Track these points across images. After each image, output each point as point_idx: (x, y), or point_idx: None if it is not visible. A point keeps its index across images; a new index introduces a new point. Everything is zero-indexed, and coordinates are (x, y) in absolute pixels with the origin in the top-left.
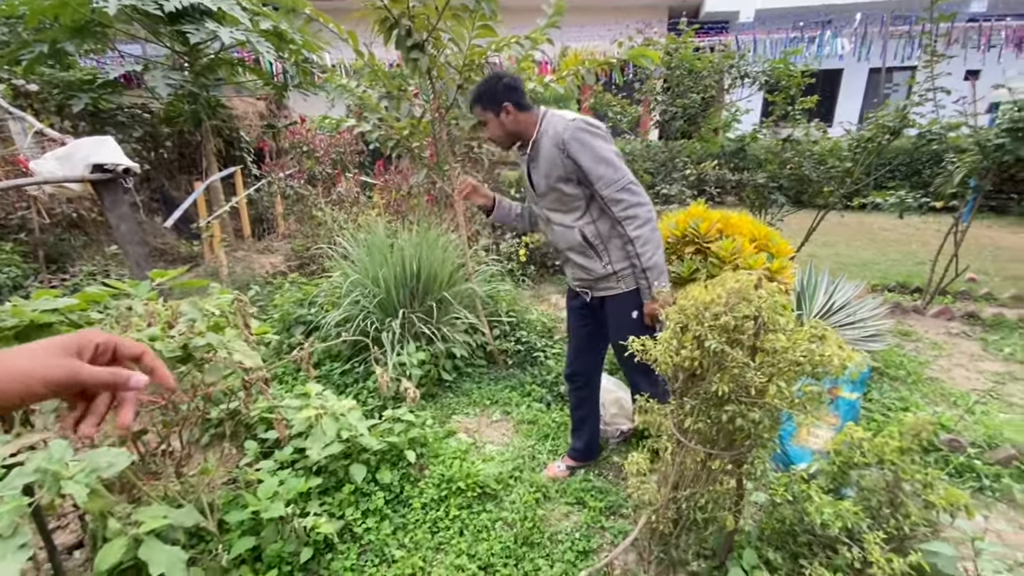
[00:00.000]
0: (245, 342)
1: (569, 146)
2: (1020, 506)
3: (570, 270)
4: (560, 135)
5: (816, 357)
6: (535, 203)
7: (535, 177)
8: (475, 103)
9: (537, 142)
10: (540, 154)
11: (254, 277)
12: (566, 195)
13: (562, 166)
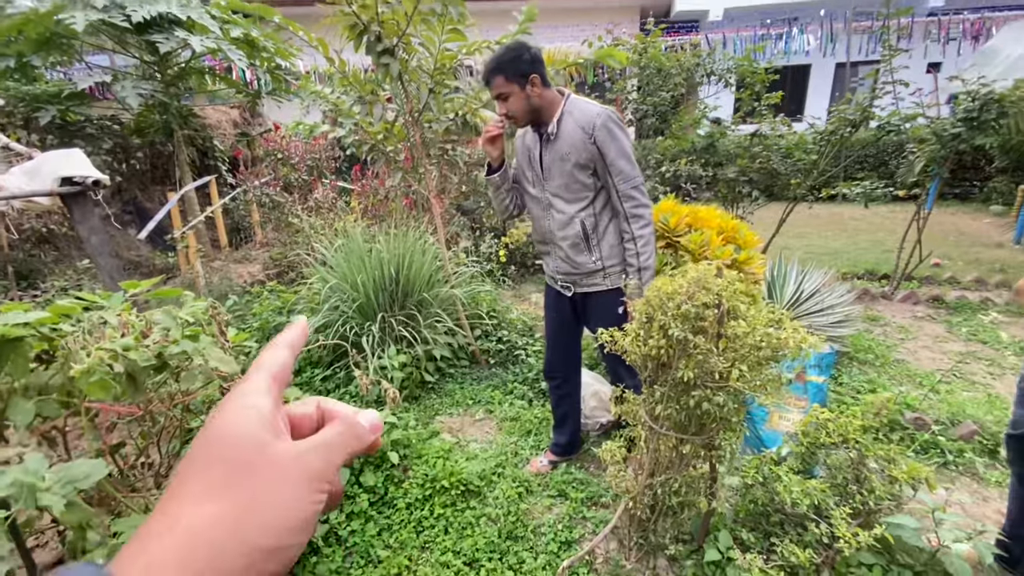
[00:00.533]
0: (221, 349)
1: (598, 133)
2: (982, 479)
3: (555, 263)
4: (592, 120)
5: (774, 341)
6: (532, 187)
7: (548, 158)
8: (496, 73)
9: (560, 122)
10: (562, 135)
11: (232, 287)
12: (577, 182)
13: (586, 152)
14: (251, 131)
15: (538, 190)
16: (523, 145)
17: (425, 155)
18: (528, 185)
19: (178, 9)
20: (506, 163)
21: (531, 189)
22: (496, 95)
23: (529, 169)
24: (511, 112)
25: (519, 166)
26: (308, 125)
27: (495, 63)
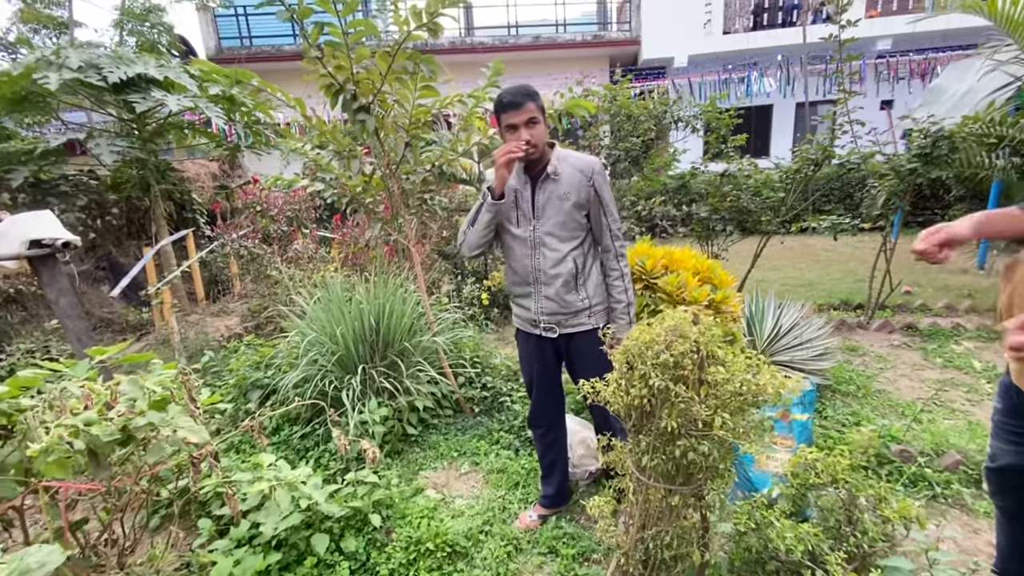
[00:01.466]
0: (191, 417)
1: (597, 178)
2: (971, 510)
3: (539, 304)
4: (592, 166)
5: (753, 386)
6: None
7: (542, 198)
8: (529, 98)
9: (555, 166)
10: (562, 177)
11: (208, 342)
12: (574, 221)
13: (585, 193)
14: (230, 183)
15: (525, 230)
16: (507, 187)
17: (404, 205)
18: (511, 225)
19: (155, 70)
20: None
21: (515, 229)
22: (527, 119)
23: (514, 209)
24: (535, 140)
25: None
26: (286, 180)
27: (527, 90)
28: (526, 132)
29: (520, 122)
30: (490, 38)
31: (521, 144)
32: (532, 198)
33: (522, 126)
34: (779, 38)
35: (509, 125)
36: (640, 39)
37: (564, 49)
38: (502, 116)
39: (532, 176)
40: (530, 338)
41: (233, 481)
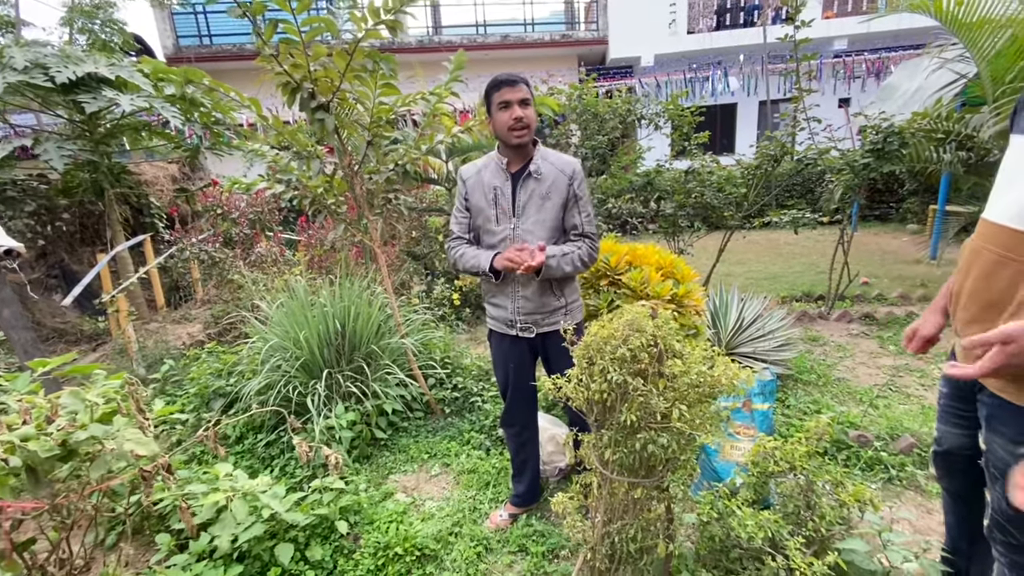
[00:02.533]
0: (140, 429)
1: (575, 178)
2: (925, 491)
3: (515, 303)
4: (571, 165)
5: (708, 378)
6: (496, 225)
7: (523, 196)
8: (524, 82)
9: (539, 164)
10: (544, 176)
11: (168, 350)
12: (556, 219)
13: (566, 192)
14: (191, 186)
15: (504, 228)
16: (484, 183)
17: (368, 206)
18: (490, 223)
19: (106, 69)
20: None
21: (494, 227)
22: (521, 98)
23: (493, 207)
24: (528, 121)
25: (477, 205)
26: (244, 183)
27: (521, 75)
28: (520, 110)
29: (515, 99)
30: (458, 37)
31: (524, 258)
32: (513, 196)
33: (516, 103)
34: (741, 38)
35: (503, 102)
36: (607, 39)
37: (532, 48)
38: (495, 95)
39: (514, 174)
40: (504, 339)
41: (187, 494)
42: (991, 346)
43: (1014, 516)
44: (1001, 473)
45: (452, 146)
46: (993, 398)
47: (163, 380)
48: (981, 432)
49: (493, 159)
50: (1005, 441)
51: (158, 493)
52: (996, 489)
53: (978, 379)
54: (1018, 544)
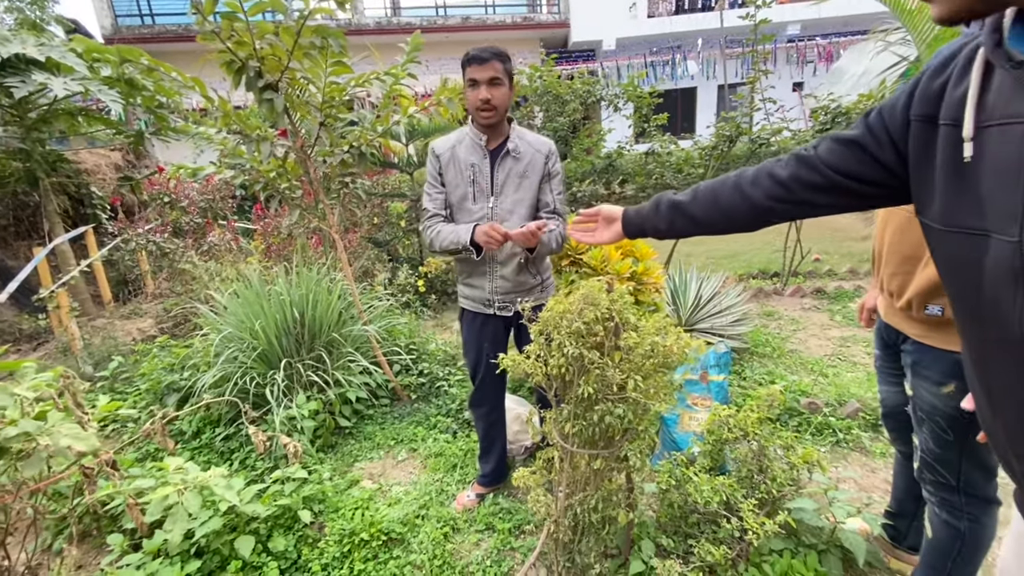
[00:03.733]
0: (79, 424)
1: (550, 157)
2: (869, 451)
3: (492, 283)
4: (548, 145)
5: (661, 349)
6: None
7: (501, 175)
8: (496, 58)
9: (516, 143)
10: (522, 155)
11: (118, 347)
12: (534, 198)
13: (543, 171)
14: (136, 174)
15: (482, 207)
16: (459, 159)
17: (323, 191)
18: (467, 202)
19: (35, 50)
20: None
21: (471, 205)
22: (490, 77)
23: (470, 185)
24: (495, 102)
25: (455, 181)
26: (191, 169)
27: (496, 49)
28: (486, 90)
29: (482, 79)
30: (418, 18)
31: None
32: (491, 174)
33: (483, 83)
34: (699, 22)
35: (471, 80)
36: (569, 22)
37: (494, 31)
38: (466, 70)
39: (491, 151)
40: (477, 317)
41: (133, 489)
42: None
43: (940, 455)
44: (927, 415)
45: (412, 128)
46: (915, 345)
47: (112, 378)
48: (907, 380)
49: (468, 134)
50: (930, 384)
51: (105, 491)
52: (923, 431)
53: (900, 330)
54: (945, 483)
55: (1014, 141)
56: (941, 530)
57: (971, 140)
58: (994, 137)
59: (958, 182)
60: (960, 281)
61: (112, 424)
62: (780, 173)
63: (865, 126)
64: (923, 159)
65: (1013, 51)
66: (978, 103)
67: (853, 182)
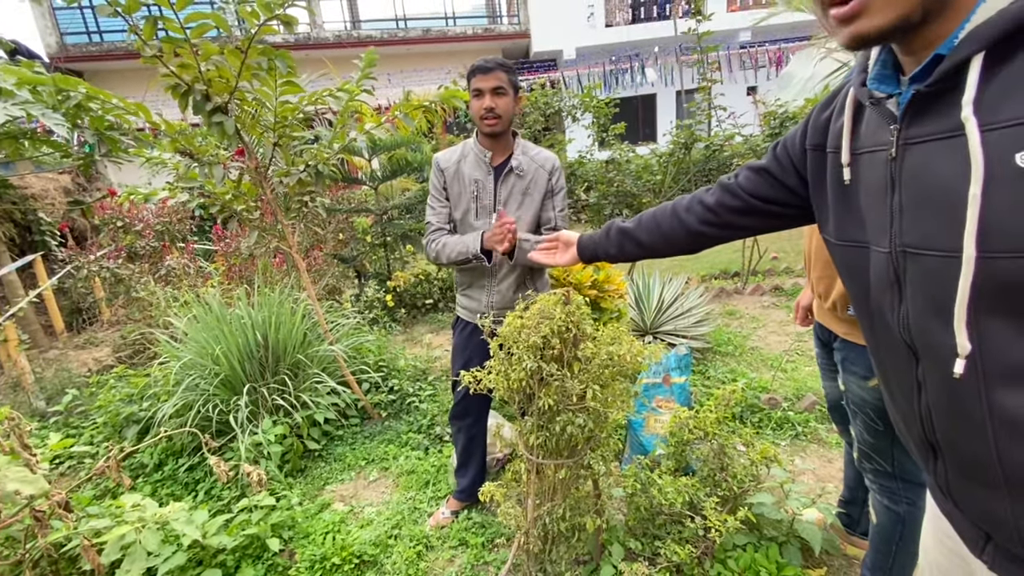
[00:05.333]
0: (27, 467)
1: (554, 173)
2: (826, 443)
3: (490, 297)
4: (553, 162)
5: (615, 358)
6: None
7: (504, 192)
8: (501, 68)
9: (520, 160)
10: (526, 172)
11: (71, 379)
12: (534, 217)
13: (546, 188)
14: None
15: (484, 223)
16: (464, 175)
17: (281, 210)
18: (470, 216)
19: None
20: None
21: (474, 221)
22: (494, 87)
23: (474, 201)
24: (499, 111)
25: (459, 196)
26: (142, 193)
27: (501, 60)
28: (490, 99)
29: (486, 88)
30: (378, 31)
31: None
32: (495, 191)
33: (487, 92)
34: (656, 31)
35: (476, 89)
36: (529, 32)
37: (455, 43)
38: (471, 80)
39: (495, 168)
40: (468, 327)
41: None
42: None
43: (874, 444)
44: (859, 407)
45: (373, 143)
46: (843, 343)
47: (66, 412)
48: (839, 375)
49: (472, 149)
50: (857, 378)
51: (60, 533)
52: (857, 422)
53: (831, 329)
54: (882, 470)
55: (879, 166)
56: (883, 515)
57: (848, 166)
58: (866, 162)
59: (844, 202)
60: (855, 288)
61: (68, 461)
62: (708, 200)
63: (773, 155)
64: (818, 183)
65: (873, 90)
66: (852, 133)
67: (767, 204)
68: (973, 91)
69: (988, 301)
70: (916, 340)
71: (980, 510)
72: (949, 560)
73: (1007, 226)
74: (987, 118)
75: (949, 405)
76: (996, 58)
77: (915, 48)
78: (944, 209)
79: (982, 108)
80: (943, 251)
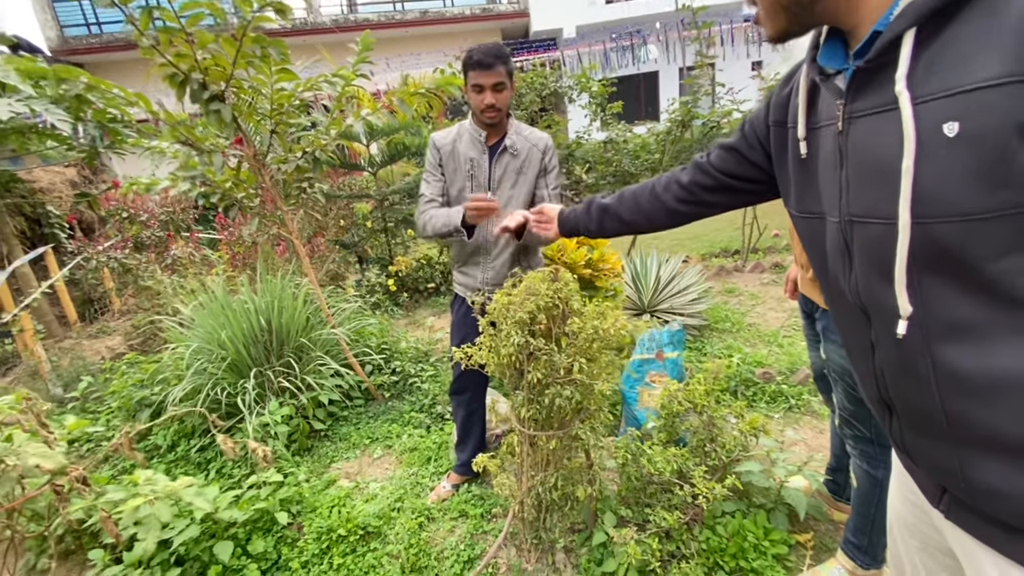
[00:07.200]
0: (45, 443)
1: (547, 152)
2: (818, 414)
3: (484, 274)
4: (546, 141)
5: (600, 332)
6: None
7: (498, 171)
8: (502, 61)
9: (514, 140)
10: (520, 151)
11: (86, 366)
12: (530, 193)
13: (539, 167)
14: (92, 190)
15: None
16: (459, 154)
17: (280, 197)
18: (465, 193)
19: None
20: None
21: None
22: (494, 83)
23: (468, 179)
24: (500, 105)
25: (454, 175)
26: (144, 183)
27: (500, 50)
28: (491, 96)
29: (487, 84)
30: (375, 14)
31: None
32: (489, 169)
33: (488, 89)
34: (657, 5)
35: (476, 85)
36: (528, 11)
37: (453, 24)
38: (469, 74)
39: (490, 147)
40: (465, 303)
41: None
42: None
43: (853, 411)
44: (839, 375)
45: (371, 128)
46: (824, 312)
47: (82, 398)
48: (821, 344)
49: (467, 130)
50: (837, 346)
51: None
52: (838, 390)
53: (813, 300)
54: (861, 435)
55: (830, 140)
56: (863, 479)
57: (804, 140)
58: (821, 136)
59: (803, 175)
60: (815, 257)
61: (86, 444)
62: (683, 179)
63: (741, 134)
64: (781, 157)
65: (823, 66)
66: (809, 108)
67: (736, 181)
68: (906, 66)
69: (925, 264)
70: (867, 304)
71: (931, 463)
72: (913, 514)
73: (937, 193)
74: (918, 91)
75: (899, 363)
76: (927, 33)
77: (853, 24)
78: (883, 179)
79: (914, 82)
80: (882, 219)
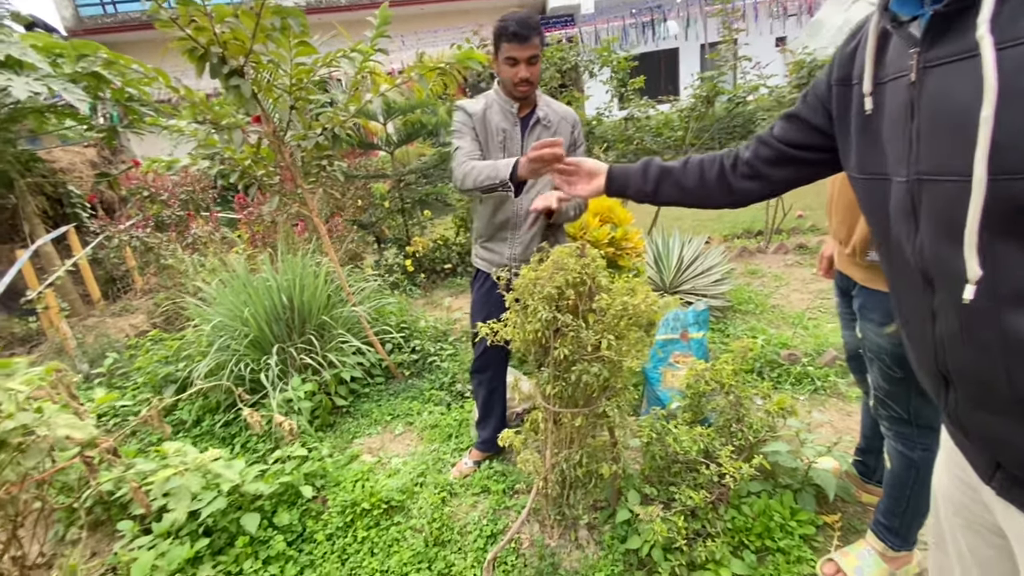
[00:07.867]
0: (75, 414)
1: (576, 126)
2: (845, 397)
3: (512, 249)
4: (573, 116)
5: (630, 308)
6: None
7: (530, 141)
8: (537, 33)
9: (545, 112)
10: (552, 123)
11: (111, 344)
12: None
13: (570, 140)
14: (112, 170)
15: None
16: (491, 123)
17: (300, 175)
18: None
19: None
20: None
21: None
22: (529, 56)
23: (500, 151)
24: (533, 79)
25: (485, 145)
26: (164, 162)
27: (535, 20)
28: (525, 69)
29: (522, 57)
30: None
31: (557, 152)
32: (522, 141)
33: (523, 62)
34: None
35: (510, 58)
36: None
37: (469, 0)
38: (504, 46)
39: (522, 119)
40: (488, 280)
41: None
42: None
43: (890, 391)
44: (875, 355)
45: (388, 107)
46: (862, 289)
47: (109, 374)
48: (857, 323)
49: (495, 100)
50: (874, 325)
51: (109, 478)
52: (874, 369)
53: (850, 276)
54: (898, 416)
55: (901, 92)
56: (898, 461)
57: (870, 95)
58: (889, 90)
59: (867, 134)
60: (876, 222)
61: (113, 418)
62: (745, 154)
63: (803, 100)
64: (843, 117)
65: (896, 12)
66: (876, 61)
67: (799, 151)
68: (990, 8)
69: (1000, 224)
70: (931, 269)
71: (989, 437)
72: (961, 491)
73: (1020, 146)
74: (1003, 35)
75: (962, 332)
76: None
77: None
78: (958, 132)
79: (999, 25)
80: (955, 176)
